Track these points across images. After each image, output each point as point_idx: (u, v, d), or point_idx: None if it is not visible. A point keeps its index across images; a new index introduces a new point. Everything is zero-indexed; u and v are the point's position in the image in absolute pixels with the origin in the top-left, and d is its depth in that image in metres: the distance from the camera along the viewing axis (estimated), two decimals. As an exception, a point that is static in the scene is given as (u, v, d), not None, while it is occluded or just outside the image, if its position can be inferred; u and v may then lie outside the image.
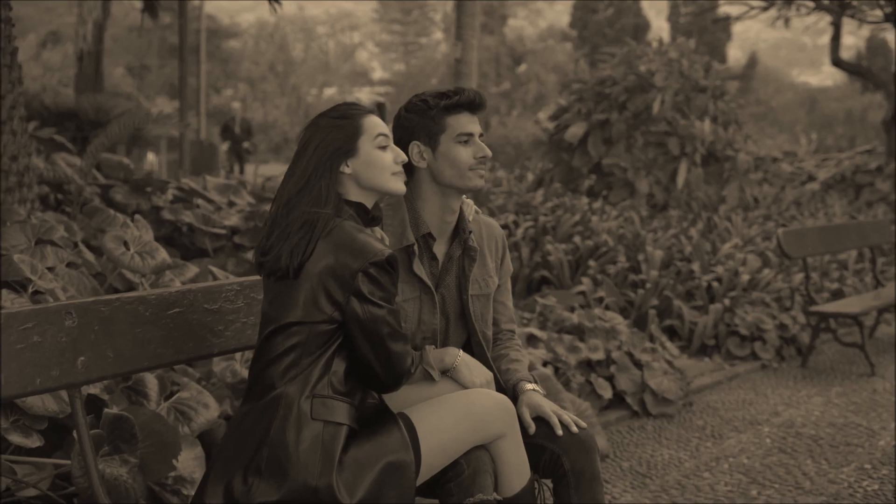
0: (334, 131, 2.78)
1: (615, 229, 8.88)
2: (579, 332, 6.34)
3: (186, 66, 16.99)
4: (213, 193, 7.17)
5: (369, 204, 2.84)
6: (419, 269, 3.03)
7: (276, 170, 19.61)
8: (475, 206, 3.30)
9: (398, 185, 2.83)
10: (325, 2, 66.33)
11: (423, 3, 63.05)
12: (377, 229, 2.95)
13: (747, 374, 7.21)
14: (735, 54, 60.90)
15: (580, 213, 9.28)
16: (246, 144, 21.88)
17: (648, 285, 7.74)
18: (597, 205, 10.11)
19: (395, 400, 2.94)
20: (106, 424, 3.41)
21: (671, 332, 7.84)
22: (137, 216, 5.27)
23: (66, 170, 6.88)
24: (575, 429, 2.99)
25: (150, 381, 4.03)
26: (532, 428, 3.01)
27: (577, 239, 8.55)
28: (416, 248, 3.04)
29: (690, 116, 11.59)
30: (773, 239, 9.37)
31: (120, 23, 36.34)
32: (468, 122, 3.04)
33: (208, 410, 3.90)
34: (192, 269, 4.89)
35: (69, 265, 4.58)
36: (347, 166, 2.77)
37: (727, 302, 7.74)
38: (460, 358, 3.01)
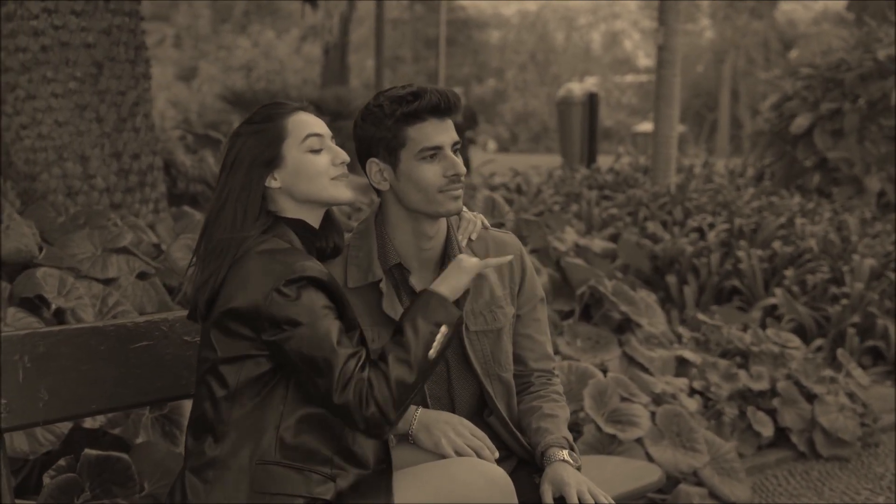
0: (252, 139, 2.27)
1: (823, 233, 7.85)
2: (747, 356, 5.54)
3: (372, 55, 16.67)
4: (357, 193, 6.75)
5: (313, 220, 2.33)
6: (391, 307, 2.46)
7: (529, 161, 19.14)
8: (482, 220, 2.66)
9: (341, 192, 2.29)
10: (590, -9, 65.40)
11: (689, -9, 61.13)
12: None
13: (959, 409, 6.16)
14: None
15: (787, 215, 8.29)
16: (469, 133, 21.29)
17: (844, 301, 6.74)
18: (810, 205, 9.04)
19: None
20: (85, 467, 3.05)
21: (875, 355, 6.84)
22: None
23: (213, 168, 6.68)
24: None
25: (188, 409, 3.65)
26: None
27: (776, 244, 7.61)
28: (382, 284, 2.47)
29: (934, 107, 10.28)
30: None
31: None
32: (434, 133, 2.40)
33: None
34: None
35: (141, 275, 4.27)
36: (275, 179, 2.27)
37: (942, 322, 6.65)
38: (418, 419, 2.45)
